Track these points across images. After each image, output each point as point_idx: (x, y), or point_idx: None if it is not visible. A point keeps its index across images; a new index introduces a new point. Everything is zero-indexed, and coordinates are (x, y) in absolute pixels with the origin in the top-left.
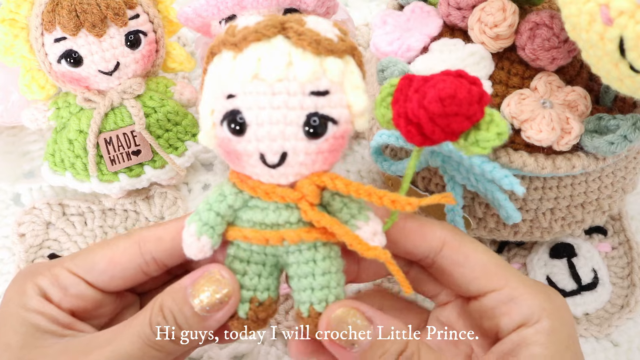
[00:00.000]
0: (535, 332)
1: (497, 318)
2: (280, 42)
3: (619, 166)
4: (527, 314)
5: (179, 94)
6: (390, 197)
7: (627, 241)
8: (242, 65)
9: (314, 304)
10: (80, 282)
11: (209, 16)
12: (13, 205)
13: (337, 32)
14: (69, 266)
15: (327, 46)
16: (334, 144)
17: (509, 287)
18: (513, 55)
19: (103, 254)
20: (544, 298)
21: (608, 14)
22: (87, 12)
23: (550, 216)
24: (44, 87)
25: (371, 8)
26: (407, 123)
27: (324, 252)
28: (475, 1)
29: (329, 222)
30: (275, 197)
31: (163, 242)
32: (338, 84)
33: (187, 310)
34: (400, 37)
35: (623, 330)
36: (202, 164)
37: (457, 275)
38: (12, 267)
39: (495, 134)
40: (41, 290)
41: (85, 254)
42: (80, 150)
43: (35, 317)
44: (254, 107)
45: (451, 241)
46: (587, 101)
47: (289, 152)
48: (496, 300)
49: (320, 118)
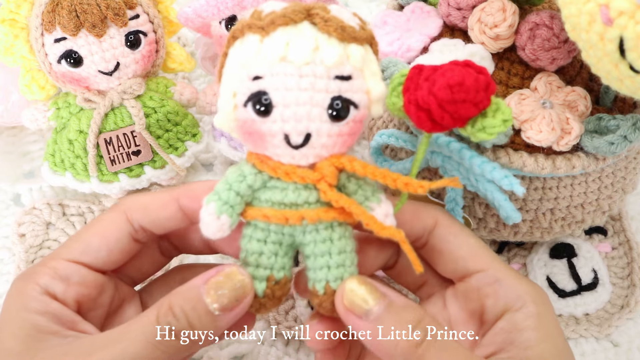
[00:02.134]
0: (525, 317)
1: (482, 299)
2: (307, 27)
3: (619, 166)
4: (512, 297)
5: (179, 94)
6: (403, 180)
7: (627, 241)
8: (270, 47)
9: (330, 282)
10: (80, 267)
11: (209, 16)
12: (13, 205)
13: (358, 21)
14: (64, 255)
15: (351, 33)
16: (353, 128)
17: (493, 269)
18: (513, 56)
19: (93, 231)
20: (527, 283)
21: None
22: (87, 13)
23: (550, 216)
24: (44, 88)
25: (371, 8)
26: (417, 109)
27: (340, 232)
28: (475, 1)
29: (346, 202)
30: (295, 178)
31: (149, 211)
32: (359, 70)
33: (201, 309)
34: (400, 38)
35: (623, 330)
36: (202, 164)
37: (446, 253)
38: (12, 268)
39: (501, 121)
40: (43, 288)
41: (76, 237)
42: (80, 151)
43: (36, 318)
44: (281, 88)
45: (442, 220)
46: (587, 101)
47: (313, 133)
48: (482, 281)
49: (343, 102)
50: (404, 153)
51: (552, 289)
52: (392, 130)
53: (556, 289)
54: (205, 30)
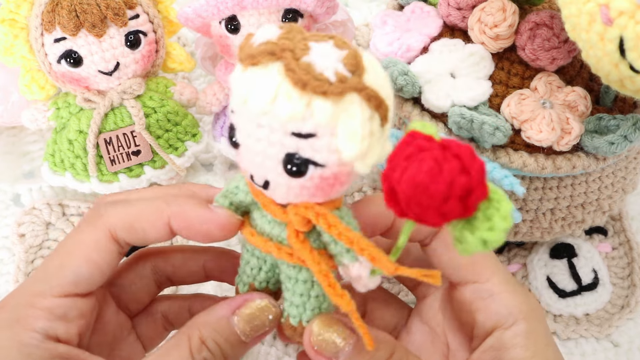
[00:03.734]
0: (514, 335)
1: (474, 313)
2: (276, 72)
3: (619, 166)
4: (503, 314)
5: (179, 94)
6: (371, 252)
7: (627, 241)
8: (239, 86)
9: (302, 321)
10: (74, 300)
11: (208, 16)
12: (13, 205)
13: (341, 67)
14: (53, 290)
15: (317, 86)
16: (320, 184)
17: (490, 283)
18: (513, 56)
19: (78, 256)
20: (520, 299)
21: (608, 14)
22: (87, 12)
23: (550, 216)
24: (44, 88)
25: (371, 8)
26: (388, 189)
27: None
28: (475, 1)
29: (306, 255)
30: (269, 211)
31: (135, 230)
32: (327, 127)
33: (234, 340)
34: (400, 38)
35: (623, 330)
36: (202, 164)
37: (446, 258)
38: (11, 268)
39: (479, 240)
40: (43, 334)
41: (59, 265)
42: (80, 151)
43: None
44: (242, 130)
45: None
46: (587, 101)
47: (271, 182)
48: (475, 294)
49: (302, 159)
50: None
51: (552, 289)
52: (392, 130)
53: (556, 289)
54: (205, 30)
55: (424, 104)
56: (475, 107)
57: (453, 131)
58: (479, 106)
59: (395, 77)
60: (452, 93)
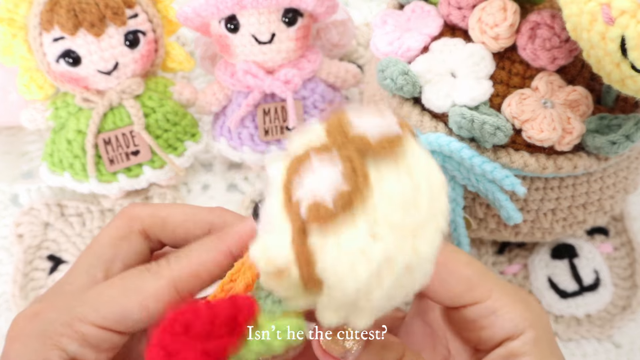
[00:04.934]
0: (522, 344)
1: (478, 331)
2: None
3: (621, 166)
4: (509, 328)
5: (178, 94)
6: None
7: (629, 242)
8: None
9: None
10: (112, 334)
11: (208, 15)
12: (11, 205)
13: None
14: (95, 320)
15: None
16: None
17: (491, 300)
18: (514, 55)
19: (133, 299)
20: (524, 308)
21: (609, 14)
22: (85, 12)
23: (551, 217)
24: (43, 87)
25: (371, 8)
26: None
27: None
28: (475, 1)
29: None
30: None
31: (201, 280)
32: None
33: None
34: (401, 37)
35: (625, 331)
36: (201, 164)
37: (442, 291)
38: (10, 268)
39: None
40: (70, 356)
41: (111, 299)
42: (78, 151)
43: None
44: None
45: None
46: (589, 101)
47: None
48: (477, 314)
49: None
50: None
51: (553, 290)
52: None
53: (557, 290)
54: (205, 30)
55: (424, 104)
56: (476, 106)
57: (453, 131)
58: (479, 106)
59: (395, 77)
60: (452, 93)
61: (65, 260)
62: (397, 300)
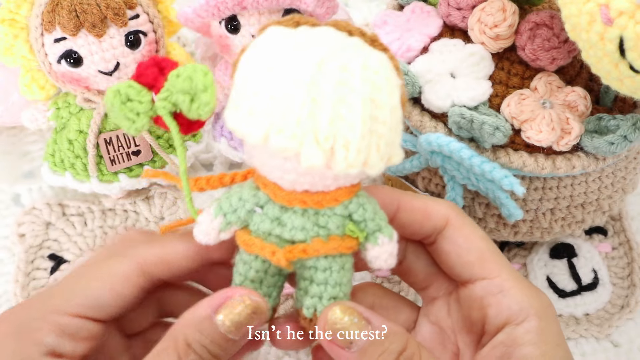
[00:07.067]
0: (526, 332)
1: (485, 308)
2: None
3: (619, 166)
4: (514, 309)
5: None
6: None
7: (627, 241)
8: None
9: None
10: (87, 321)
11: (208, 16)
12: (13, 205)
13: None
14: (70, 309)
15: None
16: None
17: (500, 278)
18: (513, 56)
19: (102, 284)
20: (532, 295)
21: (608, 14)
22: (87, 12)
23: (550, 216)
24: (44, 88)
25: (371, 8)
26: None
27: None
28: (475, 1)
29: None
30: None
31: (170, 266)
32: None
33: (220, 339)
34: (400, 37)
35: (623, 330)
36: (202, 164)
37: (454, 256)
38: (11, 268)
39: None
40: (48, 348)
41: (81, 286)
42: (80, 151)
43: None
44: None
45: (454, 220)
46: (587, 101)
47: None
48: (486, 290)
49: None
50: (405, 154)
51: (552, 289)
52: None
53: (556, 289)
54: (205, 30)
55: (424, 104)
56: (475, 107)
57: (453, 131)
58: (479, 106)
59: None
60: (452, 93)
61: (66, 259)
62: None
